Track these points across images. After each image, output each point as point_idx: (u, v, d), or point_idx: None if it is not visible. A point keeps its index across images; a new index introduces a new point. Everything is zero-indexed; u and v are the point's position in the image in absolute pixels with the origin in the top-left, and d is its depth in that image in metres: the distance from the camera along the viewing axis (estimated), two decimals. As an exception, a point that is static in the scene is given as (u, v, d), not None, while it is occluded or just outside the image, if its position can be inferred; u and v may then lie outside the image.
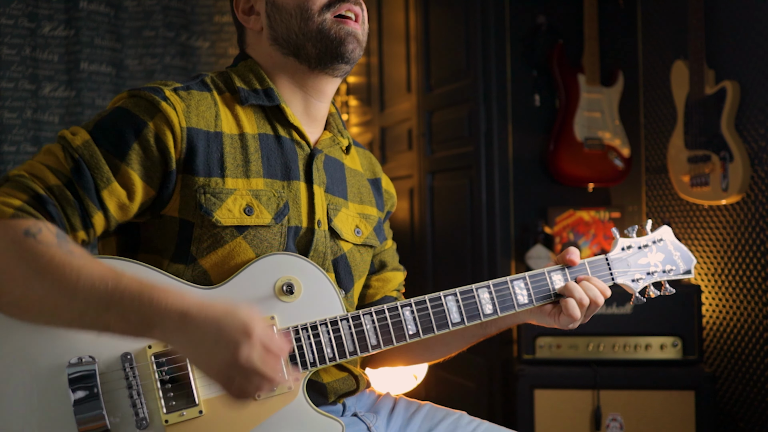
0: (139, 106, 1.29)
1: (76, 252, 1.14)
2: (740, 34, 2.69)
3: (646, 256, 1.51)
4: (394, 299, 1.63)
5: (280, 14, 1.41)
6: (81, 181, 1.22)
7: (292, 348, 1.26)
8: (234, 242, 1.31)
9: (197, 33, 3.54)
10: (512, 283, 1.41)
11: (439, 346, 1.57)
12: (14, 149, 3.06)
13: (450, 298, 1.37)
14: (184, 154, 1.29)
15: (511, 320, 1.49)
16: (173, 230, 1.31)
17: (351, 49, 1.41)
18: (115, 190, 1.25)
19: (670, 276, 1.52)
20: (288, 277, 1.30)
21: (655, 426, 2.60)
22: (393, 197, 1.69)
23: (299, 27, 1.40)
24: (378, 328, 1.32)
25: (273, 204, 1.35)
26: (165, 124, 1.27)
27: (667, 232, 1.54)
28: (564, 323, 1.43)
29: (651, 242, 1.52)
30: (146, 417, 1.21)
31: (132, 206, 1.28)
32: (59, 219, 1.20)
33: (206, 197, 1.30)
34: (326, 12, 1.39)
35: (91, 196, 1.23)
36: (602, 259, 1.48)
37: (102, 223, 1.26)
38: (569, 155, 3.18)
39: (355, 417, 1.48)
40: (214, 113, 1.35)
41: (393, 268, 1.64)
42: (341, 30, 1.40)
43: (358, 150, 1.64)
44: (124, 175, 1.25)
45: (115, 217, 1.26)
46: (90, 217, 1.23)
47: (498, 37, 3.19)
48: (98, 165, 1.24)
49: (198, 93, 1.35)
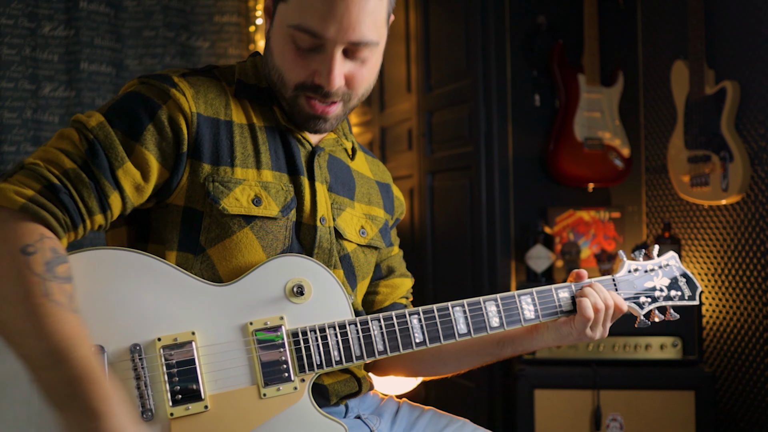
0: (151, 91, 1.30)
1: (54, 294, 1.11)
2: (740, 34, 2.69)
3: (652, 280, 1.53)
4: (403, 306, 1.63)
5: (269, 54, 1.39)
6: (96, 161, 1.22)
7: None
8: (241, 233, 1.31)
9: (197, 33, 3.54)
10: (520, 297, 1.43)
11: (452, 360, 1.58)
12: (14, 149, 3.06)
13: (458, 309, 1.38)
14: (194, 138, 1.30)
15: (530, 344, 1.49)
16: (175, 220, 1.32)
17: (315, 127, 1.39)
18: (129, 170, 1.25)
19: (674, 302, 1.54)
20: (299, 279, 1.31)
21: (655, 426, 2.60)
22: (402, 205, 1.69)
23: (276, 81, 1.37)
24: (385, 334, 1.33)
25: (281, 197, 1.35)
26: (176, 107, 1.28)
27: (673, 257, 1.56)
28: (580, 326, 1.43)
29: (657, 267, 1.54)
30: (152, 409, 1.21)
31: (147, 187, 1.28)
32: (72, 207, 1.19)
33: (214, 185, 1.30)
34: (300, 90, 1.35)
35: (107, 176, 1.22)
36: (609, 279, 1.50)
37: (119, 205, 1.25)
38: (569, 155, 3.19)
39: (358, 419, 1.48)
40: (224, 101, 1.35)
41: (401, 274, 1.64)
42: (309, 112, 1.36)
43: (367, 157, 1.64)
44: (139, 155, 1.26)
45: (130, 198, 1.26)
46: (107, 197, 1.23)
47: (498, 37, 3.19)
48: (113, 145, 1.24)
49: (207, 80, 1.36)
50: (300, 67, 1.33)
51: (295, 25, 1.29)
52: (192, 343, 1.24)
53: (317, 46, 1.30)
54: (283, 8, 1.32)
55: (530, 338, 1.49)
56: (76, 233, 1.23)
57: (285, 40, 1.32)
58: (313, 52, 1.31)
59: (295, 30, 1.29)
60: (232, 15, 3.55)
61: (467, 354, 1.55)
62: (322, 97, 1.34)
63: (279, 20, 1.34)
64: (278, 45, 1.35)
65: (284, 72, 1.34)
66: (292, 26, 1.30)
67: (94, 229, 1.26)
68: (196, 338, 1.25)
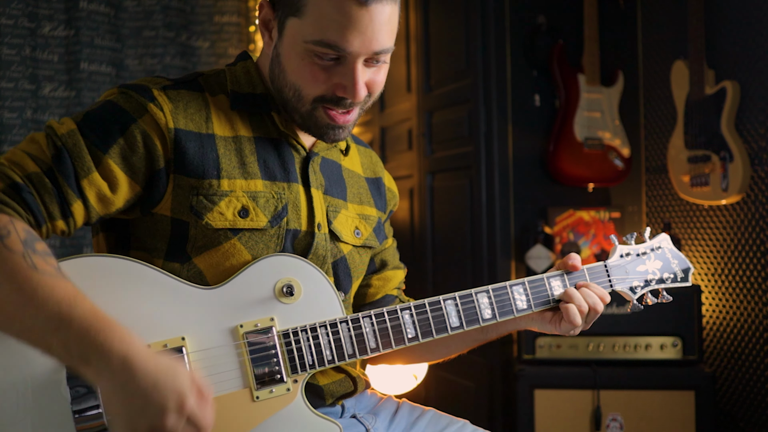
0: (128, 103, 1.28)
1: (40, 265, 1.11)
2: (740, 34, 2.69)
3: (645, 264, 1.52)
4: (395, 297, 1.63)
5: (279, 69, 1.35)
6: (60, 168, 1.22)
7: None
8: (228, 243, 1.31)
9: (197, 33, 3.54)
10: (511, 288, 1.42)
11: (439, 348, 1.57)
12: (14, 149, 3.06)
13: (449, 303, 1.37)
14: (173, 154, 1.28)
15: (512, 326, 1.49)
16: (165, 229, 1.31)
17: (334, 137, 1.38)
18: (95, 180, 1.24)
19: (667, 284, 1.53)
20: (288, 279, 1.30)
21: (655, 426, 2.60)
22: (396, 196, 1.68)
23: (290, 97, 1.34)
24: (377, 332, 1.33)
25: (271, 206, 1.34)
26: (152, 124, 1.27)
27: (665, 239, 1.55)
28: (565, 329, 1.43)
29: (649, 249, 1.53)
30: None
31: (115, 199, 1.27)
32: (35, 207, 1.19)
33: (198, 199, 1.29)
34: (319, 102, 1.33)
35: (71, 184, 1.22)
36: (601, 266, 1.49)
37: (82, 213, 1.24)
38: (569, 155, 3.18)
39: (353, 419, 1.47)
40: (204, 115, 1.33)
41: (394, 267, 1.64)
42: (329, 123, 1.35)
43: (359, 149, 1.62)
44: (106, 167, 1.25)
45: (95, 208, 1.25)
46: (69, 205, 1.22)
47: (498, 37, 3.19)
48: (80, 154, 1.23)
49: (188, 93, 1.34)
50: (320, 81, 1.30)
51: (315, 40, 1.26)
52: (182, 348, 1.24)
53: (338, 58, 1.29)
54: (296, 24, 1.29)
55: (513, 323, 1.48)
56: (40, 234, 1.22)
57: (302, 55, 1.29)
58: (334, 65, 1.29)
59: (316, 45, 1.27)
60: (232, 15, 3.55)
61: (453, 341, 1.54)
62: (344, 107, 1.33)
63: (292, 36, 1.30)
64: (293, 61, 1.31)
65: (302, 88, 1.32)
66: (312, 41, 1.27)
67: (56, 233, 1.25)
68: (186, 343, 1.24)
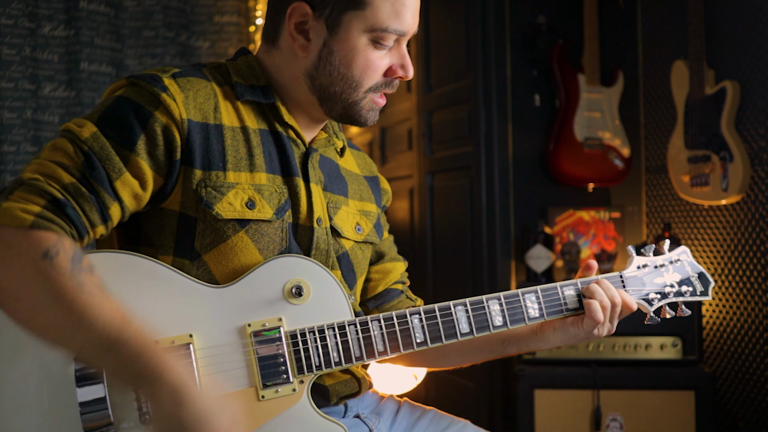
0: (141, 96, 1.28)
1: (87, 284, 1.14)
2: (740, 34, 2.69)
3: (662, 276, 1.49)
4: (400, 292, 1.62)
5: (330, 66, 1.37)
6: (93, 174, 1.21)
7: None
8: (236, 237, 1.31)
9: (197, 33, 3.54)
10: (524, 296, 1.41)
11: (455, 355, 1.56)
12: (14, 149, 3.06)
13: (460, 309, 1.37)
14: (185, 144, 1.28)
15: (535, 344, 1.47)
16: (171, 225, 1.31)
17: (373, 119, 1.44)
18: (127, 180, 1.24)
19: (686, 297, 1.49)
20: (297, 280, 1.30)
21: (655, 426, 2.60)
22: (389, 193, 1.69)
23: (341, 90, 1.38)
24: (386, 335, 1.32)
25: (275, 199, 1.35)
26: (168, 114, 1.27)
27: (684, 252, 1.52)
28: (588, 328, 1.41)
29: (668, 262, 1.50)
30: (150, 412, 1.21)
31: (145, 195, 1.28)
32: (78, 220, 1.19)
33: (207, 190, 1.29)
34: (371, 90, 1.39)
35: (106, 188, 1.22)
36: (617, 276, 1.47)
37: (118, 214, 1.25)
38: (569, 155, 3.19)
39: (357, 419, 1.48)
40: (213, 104, 1.33)
41: (391, 259, 1.63)
42: (372, 110, 1.42)
43: (353, 151, 1.63)
44: (135, 165, 1.25)
45: (129, 207, 1.26)
46: (107, 209, 1.23)
47: (498, 37, 3.19)
48: (109, 156, 1.23)
49: (197, 81, 1.33)
50: (379, 69, 1.38)
51: (382, 28, 1.34)
52: (190, 345, 1.24)
53: (393, 43, 1.38)
54: (357, 16, 1.34)
55: (536, 339, 1.47)
56: (82, 244, 1.23)
57: (363, 46, 1.35)
58: (387, 50, 1.38)
59: (383, 32, 1.34)
60: (232, 15, 3.55)
61: (471, 350, 1.53)
62: (392, 88, 1.42)
63: (350, 29, 1.34)
64: (349, 54, 1.35)
65: (362, 79, 1.37)
66: (379, 29, 1.34)
67: (96, 238, 1.27)
68: (194, 341, 1.25)
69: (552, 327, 1.45)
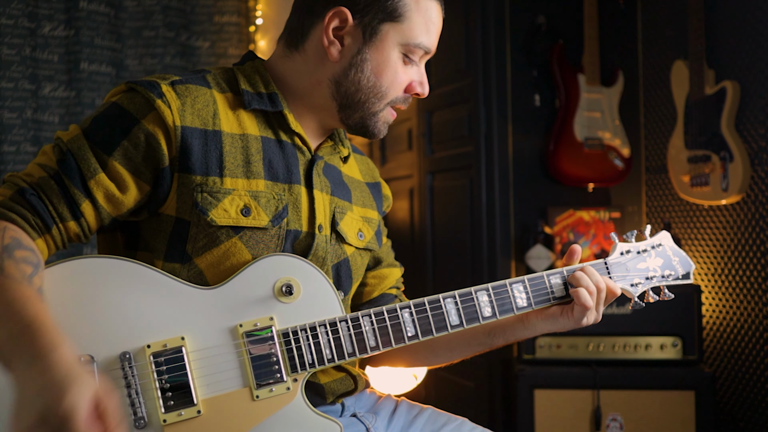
0: (134, 103, 1.29)
1: (8, 270, 1.12)
2: (740, 34, 2.69)
3: (645, 261, 1.51)
4: (394, 297, 1.63)
5: (361, 73, 1.39)
6: (66, 171, 1.25)
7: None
8: (230, 242, 1.31)
9: (197, 33, 3.54)
10: (511, 286, 1.42)
11: (443, 351, 1.57)
12: (14, 149, 3.06)
13: (449, 301, 1.37)
14: (178, 152, 1.29)
15: (522, 333, 1.49)
16: (167, 229, 1.32)
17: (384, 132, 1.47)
18: (102, 180, 1.26)
19: (668, 281, 1.52)
20: (287, 278, 1.30)
21: (655, 426, 2.60)
22: (390, 199, 1.70)
23: (366, 98, 1.41)
24: (377, 330, 1.33)
25: (272, 206, 1.35)
26: (158, 122, 1.27)
27: (666, 237, 1.54)
28: (578, 316, 1.42)
29: (650, 247, 1.52)
30: (144, 416, 1.21)
31: (124, 199, 1.28)
32: (42, 209, 1.22)
33: (203, 196, 1.30)
34: (391, 103, 1.44)
35: (77, 185, 1.25)
36: (601, 263, 1.48)
37: (92, 213, 1.27)
38: (569, 155, 3.18)
39: (354, 417, 1.48)
40: (212, 111, 1.33)
41: (388, 264, 1.64)
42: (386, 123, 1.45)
43: (356, 156, 1.64)
44: (112, 168, 1.27)
45: (105, 208, 1.27)
46: (78, 205, 1.25)
47: (498, 37, 3.19)
48: (85, 156, 1.26)
49: (196, 88, 1.34)
50: (403, 82, 1.42)
51: (415, 43, 1.39)
52: (182, 348, 1.24)
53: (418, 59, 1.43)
54: (393, 28, 1.38)
55: (522, 327, 1.48)
56: (53, 238, 1.25)
57: (394, 57, 1.39)
58: (411, 65, 1.42)
59: (415, 47, 1.39)
60: (232, 15, 3.55)
61: (458, 344, 1.54)
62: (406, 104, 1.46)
63: (386, 40, 1.38)
64: (382, 64, 1.39)
65: (388, 89, 1.41)
66: (412, 44, 1.39)
67: (71, 237, 1.27)
68: (186, 343, 1.25)
69: (538, 315, 1.46)
